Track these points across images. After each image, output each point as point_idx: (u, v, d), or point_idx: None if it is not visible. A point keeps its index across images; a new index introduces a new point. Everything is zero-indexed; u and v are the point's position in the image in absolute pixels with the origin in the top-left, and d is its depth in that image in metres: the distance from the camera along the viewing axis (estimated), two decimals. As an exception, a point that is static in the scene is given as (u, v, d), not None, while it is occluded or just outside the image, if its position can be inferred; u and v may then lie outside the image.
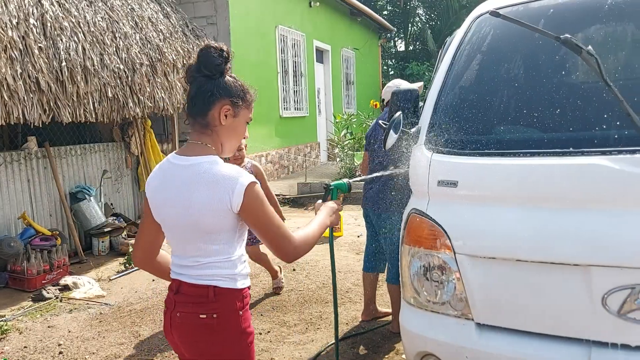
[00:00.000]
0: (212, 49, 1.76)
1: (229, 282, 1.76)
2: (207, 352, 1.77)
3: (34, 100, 4.87)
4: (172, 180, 1.76)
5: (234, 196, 1.68)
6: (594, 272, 1.80)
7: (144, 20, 6.91)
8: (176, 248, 1.83)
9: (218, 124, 1.78)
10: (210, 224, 1.71)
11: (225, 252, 1.76)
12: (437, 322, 2.14)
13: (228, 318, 1.75)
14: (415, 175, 2.32)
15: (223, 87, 1.77)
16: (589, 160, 1.85)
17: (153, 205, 1.82)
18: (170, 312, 1.80)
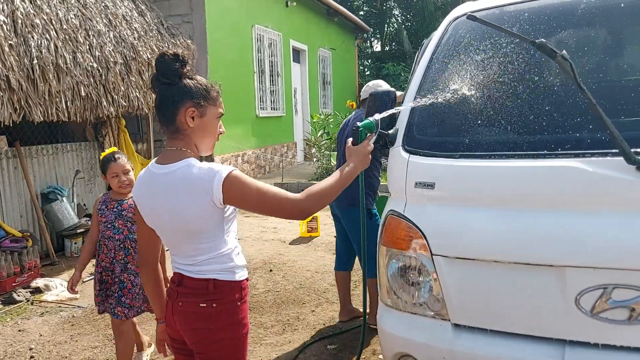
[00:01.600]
0: (167, 55, 1.80)
1: (227, 274, 1.87)
2: (205, 339, 1.86)
3: (4, 98, 4.75)
4: (156, 189, 1.83)
5: (215, 193, 1.73)
6: (567, 272, 1.83)
7: (118, 18, 6.80)
8: (173, 249, 1.93)
9: (187, 127, 1.82)
10: (198, 225, 1.80)
11: (218, 247, 1.85)
12: (415, 323, 2.15)
13: (226, 307, 1.86)
14: (392, 177, 2.33)
15: (183, 91, 1.80)
16: (562, 162, 1.88)
17: (143, 213, 1.92)
18: (172, 302, 1.92)
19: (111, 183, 3.15)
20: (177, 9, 8.98)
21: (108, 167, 3.13)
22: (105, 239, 3.16)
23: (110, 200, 3.21)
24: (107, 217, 3.16)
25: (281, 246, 6.36)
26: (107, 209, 3.18)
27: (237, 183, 1.75)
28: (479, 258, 2.00)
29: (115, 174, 3.12)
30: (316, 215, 6.75)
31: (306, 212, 1.78)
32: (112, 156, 3.15)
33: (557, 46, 1.86)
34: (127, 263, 3.18)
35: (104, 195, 3.26)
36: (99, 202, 3.23)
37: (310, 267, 5.48)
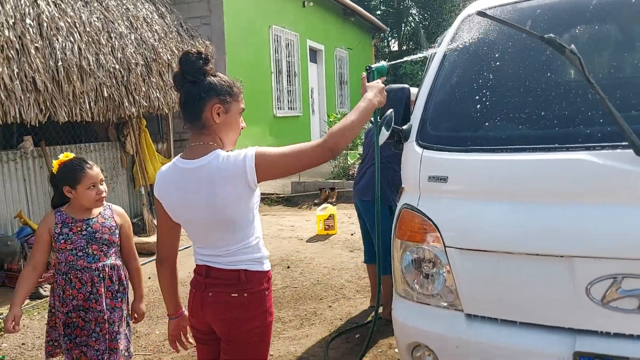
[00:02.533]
0: (191, 54, 1.87)
1: (257, 265, 1.94)
2: (236, 328, 1.92)
3: (30, 99, 4.90)
4: (187, 184, 1.88)
5: (249, 174, 1.80)
6: (577, 263, 1.87)
7: (139, 20, 6.95)
8: (201, 242, 1.97)
9: (213, 123, 1.89)
10: (235, 212, 1.86)
11: (247, 236, 1.92)
12: (428, 313, 2.20)
13: (256, 297, 1.93)
14: (406, 171, 2.38)
15: (209, 87, 1.87)
16: (573, 155, 1.92)
17: (169, 208, 1.95)
18: (200, 293, 1.96)
19: (86, 196, 2.56)
20: (196, 11, 9.12)
21: (81, 177, 2.54)
22: (77, 270, 2.57)
23: (72, 220, 2.59)
24: (75, 242, 2.57)
25: (298, 243, 6.44)
26: (71, 232, 2.57)
27: (265, 157, 1.81)
28: (491, 249, 2.05)
29: (92, 184, 2.57)
30: (333, 213, 6.81)
31: (334, 148, 1.79)
32: (81, 164, 2.59)
33: (568, 41, 1.91)
34: (118, 298, 2.66)
35: (59, 214, 2.61)
36: (55, 224, 2.59)
37: (327, 264, 5.55)
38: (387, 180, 3.86)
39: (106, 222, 2.63)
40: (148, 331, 4.07)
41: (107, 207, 2.70)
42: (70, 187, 2.54)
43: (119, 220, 2.69)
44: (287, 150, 1.82)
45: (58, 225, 2.58)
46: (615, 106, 1.77)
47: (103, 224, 2.62)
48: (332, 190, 8.86)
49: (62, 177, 2.56)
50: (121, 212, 2.75)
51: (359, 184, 4.08)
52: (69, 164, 2.57)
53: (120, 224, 2.69)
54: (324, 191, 8.88)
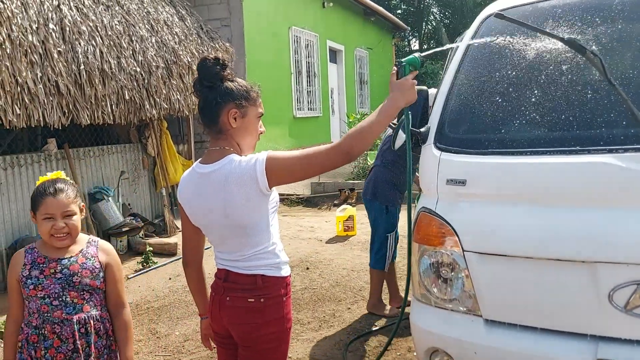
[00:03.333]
0: (208, 60, 1.89)
1: (274, 270, 1.93)
2: (252, 333, 1.91)
3: (53, 103, 4.98)
4: (203, 189, 1.89)
5: (259, 179, 1.79)
6: (600, 268, 1.83)
7: (160, 23, 7.02)
8: (219, 246, 1.98)
9: (230, 127, 1.90)
10: (246, 217, 1.85)
11: (263, 242, 1.90)
12: (446, 318, 2.18)
13: (273, 302, 1.91)
14: (424, 174, 2.36)
15: (225, 92, 1.88)
16: (595, 158, 1.88)
17: (190, 213, 1.98)
18: (219, 297, 1.96)
19: (41, 227, 2.05)
20: (216, 13, 9.18)
21: (38, 203, 2.05)
22: (53, 323, 2.04)
23: (44, 260, 2.06)
24: (47, 288, 2.03)
25: (318, 245, 6.43)
26: (42, 275, 2.04)
27: (276, 161, 1.80)
28: (510, 254, 2.02)
29: (49, 215, 2.03)
30: (353, 214, 6.79)
31: (349, 152, 1.74)
32: (48, 187, 2.06)
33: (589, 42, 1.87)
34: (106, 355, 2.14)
35: (29, 253, 2.09)
36: (23, 265, 2.06)
37: (347, 265, 5.53)
38: (386, 182, 4.00)
39: (87, 263, 2.10)
40: (168, 332, 4.11)
41: (93, 243, 2.18)
42: (33, 214, 2.07)
43: (104, 260, 2.15)
44: (299, 154, 1.80)
45: (26, 267, 2.05)
46: (638, 108, 1.73)
47: (83, 265, 2.08)
48: (352, 191, 8.84)
49: (31, 199, 2.11)
50: (108, 249, 2.21)
51: (366, 184, 4.21)
52: (40, 185, 2.09)
53: (106, 263, 2.15)
54: (343, 192, 8.86)
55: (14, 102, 4.60)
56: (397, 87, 1.92)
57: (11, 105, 4.56)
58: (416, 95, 1.94)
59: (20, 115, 4.65)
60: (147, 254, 5.94)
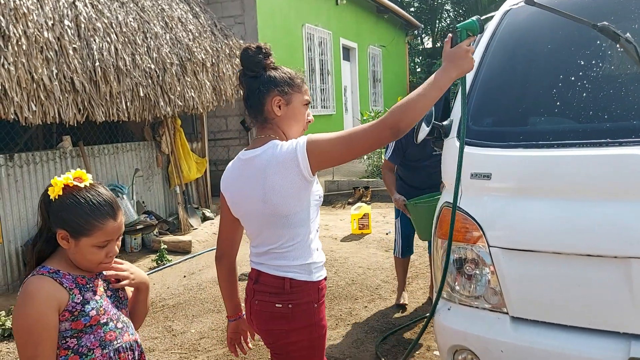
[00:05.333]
0: (250, 49, 1.86)
1: (304, 274, 1.83)
2: (280, 340, 1.84)
3: (69, 100, 4.98)
4: (244, 175, 1.85)
5: (301, 162, 1.73)
6: (633, 264, 1.76)
7: (174, 20, 7.00)
8: (255, 238, 1.91)
9: (274, 115, 1.86)
10: (287, 205, 1.77)
11: (298, 235, 1.82)
12: (471, 315, 2.12)
13: (302, 309, 1.82)
14: (447, 168, 2.30)
15: (268, 81, 1.85)
16: (626, 150, 1.81)
17: (230, 201, 1.93)
18: (249, 300, 1.90)
19: (89, 255, 1.57)
20: (230, 11, 9.16)
21: (95, 229, 1.54)
22: (126, 351, 1.65)
23: (85, 281, 1.59)
24: (109, 310, 1.62)
25: (333, 243, 6.39)
26: (98, 296, 1.61)
27: (317, 143, 1.73)
28: (538, 249, 1.96)
29: (108, 240, 1.58)
30: (368, 212, 6.73)
31: (394, 127, 1.61)
32: (102, 206, 1.56)
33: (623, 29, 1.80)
34: None
35: (59, 275, 1.55)
36: (69, 290, 1.54)
37: (362, 263, 5.48)
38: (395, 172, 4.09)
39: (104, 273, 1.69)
40: (184, 329, 4.09)
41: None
42: (71, 236, 1.54)
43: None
44: (341, 135, 1.72)
45: (74, 291, 1.55)
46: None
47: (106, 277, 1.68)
48: (367, 189, 8.78)
49: (62, 216, 1.53)
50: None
51: None
52: (83, 201, 1.54)
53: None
54: (358, 190, 8.81)
55: (30, 98, 4.60)
56: (450, 55, 1.72)
57: (27, 101, 4.56)
58: (473, 64, 1.73)
59: (36, 112, 4.65)
60: (162, 252, 5.93)
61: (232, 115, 9.32)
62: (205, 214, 7.79)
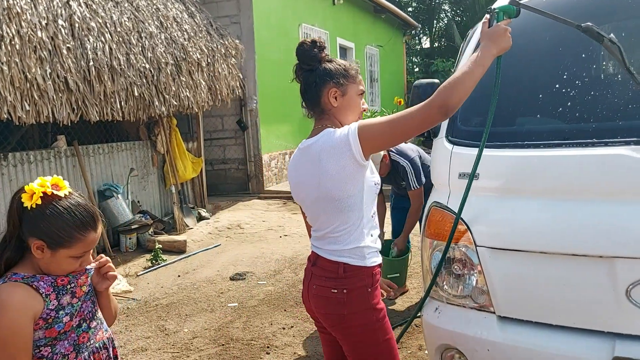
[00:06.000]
0: (305, 43, 1.93)
1: (357, 259, 1.87)
2: (339, 324, 1.89)
3: (62, 99, 4.98)
4: (301, 162, 1.93)
5: (353, 146, 1.76)
6: (618, 264, 1.77)
7: (169, 20, 7.00)
8: (314, 223, 1.97)
9: (331, 107, 1.93)
10: (340, 189, 1.82)
11: (352, 219, 1.85)
12: (459, 315, 2.13)
13: (357, 294, 1.86)
14: (436, 168, 2.31)
15: (324, 73, 1.92)
16: (612, 150, 1.82)
17: (292, 189, 2.02)
18: (307, 282, 1.97)
19: (63, 265, 1.53)
20: (226, 10, 9.15)
21: (74, 241, 1.50)
22: (100, 350, 1.63)
23: (68, 280, 1.56)
24: (82, 310, 1.59)
25: (328, 242, 6.39)
26: (76, 299, 1.58)
27: (368, 127, 1.77)
28: (525, 249, 1.96)
29: (84, 252, 1.54)
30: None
31: (442, 106, 1.62)
32: (85, 218, 1.52)
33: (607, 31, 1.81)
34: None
35: (36, 279, 1.50)
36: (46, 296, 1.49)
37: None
38: None
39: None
40: (177, 329, 4.09)
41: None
42: (48, 246, 1.47)
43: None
44: (391, 118, 1.74)
45: (51, 297, 1.51)
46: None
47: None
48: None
49: (40, 226, 1.47)
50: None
51: None
52: (64, 211, 1.49)
53: None
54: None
55: (23, 98, 4.60)
56: (489, 34, 1.76)
57: (20, 101, 4.56)
58: (511, 43, 1.76)
59: (30, 111, 4.65)
60: (156, 252, 5.94)
61: (228, 115, 9.32)
62: (201, 214, 7.79)
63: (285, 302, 4.51)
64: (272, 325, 4.03)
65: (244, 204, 8.76)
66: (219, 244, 6.64)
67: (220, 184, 9.58)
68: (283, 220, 7.77)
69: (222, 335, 3.90)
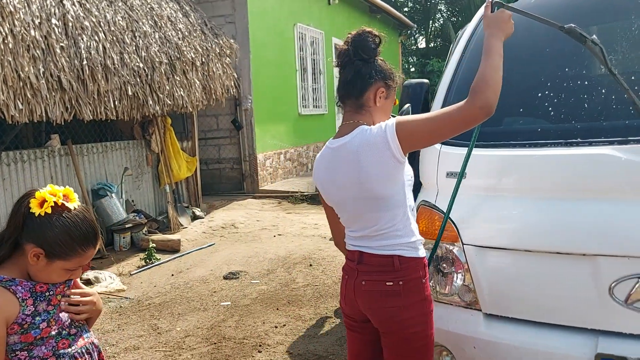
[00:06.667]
0: (367, 33, 1.86)
1: (411, 251, 1.83)
2: (394, 317, 1.83)
3: (56, 98, 4.98)
4: (335, 162, 1.86)
5: (392, 143, 1.72)
6: (601, 261, 1.80)
7: (163, 19, 7.01)
8: (352, 223, 1.91)
9: (372, 104, 1.87)
10: (383, 188, 1.78)
11: (397, 216, 1.81)
12: (446, 312, 2.15)
13: (413, 285, 1.82)
14: (424, 167, 2.34)
15: (378, 69, 1.87)
16: (596, 150, 1.85)
17: (323, 191, 1.94)
18: (353, 280, 1.88)
19: (54, 275, 1.54)
20: (220, 10, 9.15)
21: (73, 255, 1.51)
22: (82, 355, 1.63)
23: (46, 287, 1.55)
24: (60, 319, 1.57)
25: (321, 242, 6.41)
26: (52, 306, 1.56)
27: (406, 124, 1.73)
28: (510, 247, 1.99)
29: (79, 266, 1.58)
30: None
31: (486, 105, 1.62)
32: (88, 234, 1.53)
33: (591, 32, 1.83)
34: None
35: (14, 283, 1.49)
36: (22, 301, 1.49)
37: (350, 262, 5.50)
38: None
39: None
40: (169, 327, 4.10)
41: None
42: (46, 256, 1.48)
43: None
44: (430, 115, 1.72)
45: (27, 302, 1.50)
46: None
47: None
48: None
49: (45, 235, 1.47)
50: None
51: None
52: (72, 225, 1.50)
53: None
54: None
55: (17, 97, 4.60)
56: (493, 21, 1.76)
57: (13, 100, 4.56)
58: (513, 28, 1.77)
59: (23, 110, 4.65)
60: (150, 251, 5.94)
61: (223, 114, 9.33)
62: (195, 213, 7.80)
63: (278, 301, 4.52)
64: (264, 324, 4.04)
65: (238, 203, 8.77)
66: (213, 243, 6.65)
67: (215, 184, 9.58)
68: (277, 219, 7.78)
69: (215, 334, 3.92)
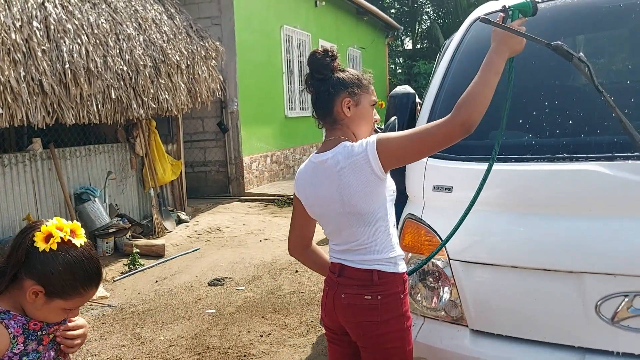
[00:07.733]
0: (317, 53, 1.89)
1: (391, 266, 1.84)
2: (371, 332, 1.83)
3: (37, 102, 4.90)
4: (318, 177, 1.87)
5: (372, 161, 1.73)
6: (587, 279, 1.79)
7: (148, 21, 6.93)
8: (335, 237, 1.92)
9: (344, 117, 1.88)
10: (364, 204, 1.79)
11: (379, 231, 1.82)
12: (432, 328, 2.13)
13: (391, 300, 1.83)
14: (410, 180, 2.31)
15: (337, 82, 1.87)
16: (582, 166, 1.84)
17: (307, 204, 1.95)
18: (333, 293, 1.89)
19: (52, 314, 1.46)
20: (206, 12, 9.09)
21: (74, 295, 1.45)
22: None
23: (40, 325, 1.46)
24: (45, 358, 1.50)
25: (308, 247, 6.38)
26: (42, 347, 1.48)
27: (387, 142, 1.73)
28: (497, 263, 1.98)
29: (76, 306, 1.50)
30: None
31: (465, 123, 1.60)
32: (92, 274, 1.47)
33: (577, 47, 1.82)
34: None
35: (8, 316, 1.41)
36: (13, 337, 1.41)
37: (336, 268, 5.48)
38: None
39: None
40: (153, 337, 4.04)
41: None
42: (45, 293, 1.41)
43: None
44: (410, 133, 1.72)
45: (18, 340, 1.42)
46: (626, 115, 1.68)
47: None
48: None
49: (47, 272, 1.39)
50: None
51: None
52: (77, 265, 1.43)
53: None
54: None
55: (-3, 101, 4.51)
56: (500, 35, 1.68)
57: (-7, 104, 4.47)
58: (523, 45, 1.68)
59: (3, 114, 4.56)
60: (134, 256, 5.87)
61: (209, 117, 9.26)
62: (181, 217, 7.73)
63: (264, 309, 4.48)
64: (249, 333, 4.00)
65: (224, 206, 8.71)
66: (198, 248, 6.59)
67: (201, 187, 9.51)
68: (263, 223, 7.74)
69: (199, 344, 3.87)
